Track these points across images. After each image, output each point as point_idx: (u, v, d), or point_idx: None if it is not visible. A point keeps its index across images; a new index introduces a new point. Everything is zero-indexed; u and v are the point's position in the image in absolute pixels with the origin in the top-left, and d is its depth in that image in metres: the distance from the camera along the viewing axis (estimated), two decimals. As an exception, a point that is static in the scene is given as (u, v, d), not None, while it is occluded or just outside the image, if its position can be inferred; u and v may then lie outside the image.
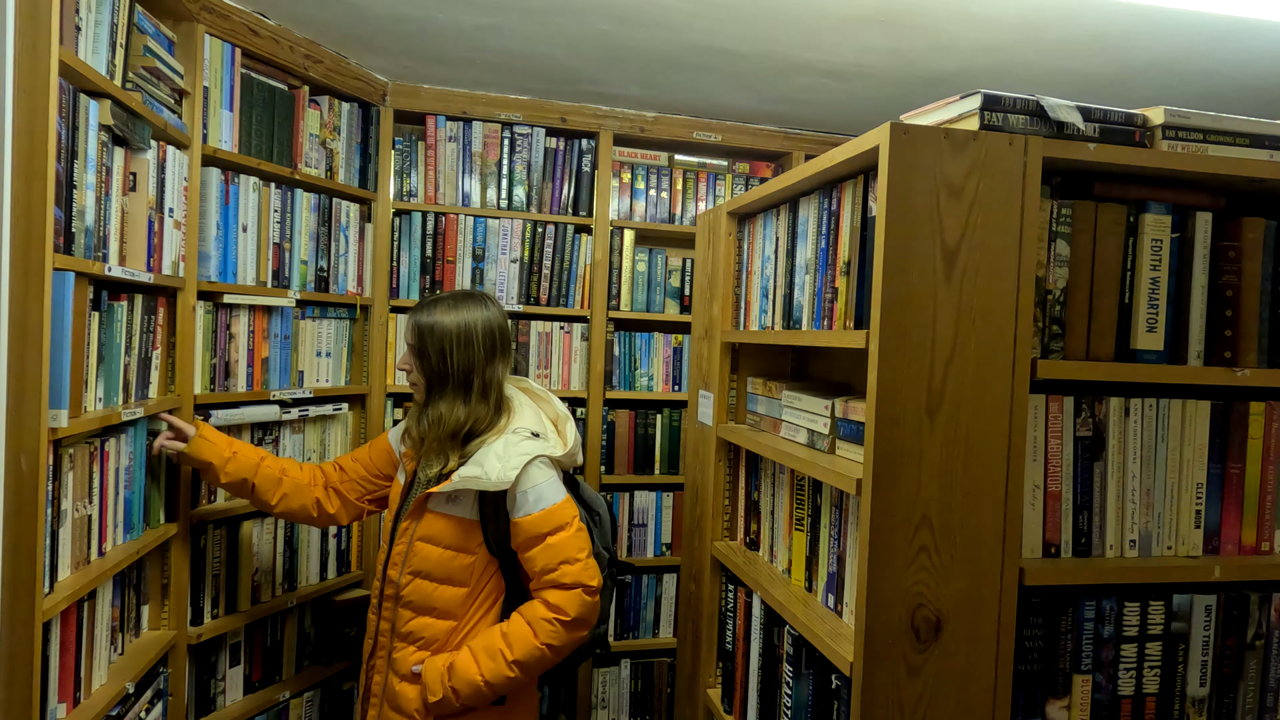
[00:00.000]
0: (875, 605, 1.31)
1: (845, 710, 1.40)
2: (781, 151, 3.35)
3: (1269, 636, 1.46)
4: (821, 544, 1.64)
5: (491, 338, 1.87)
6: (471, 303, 1.89)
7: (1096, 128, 1.39)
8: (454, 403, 1.83)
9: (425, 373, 1.87)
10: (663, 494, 3.25)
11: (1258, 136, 1.44)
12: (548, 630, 1.72)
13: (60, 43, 1.51)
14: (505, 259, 3.07)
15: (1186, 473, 1.46)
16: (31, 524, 1.51)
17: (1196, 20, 2.12)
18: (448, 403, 1.83)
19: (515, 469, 1.74)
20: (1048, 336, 1.38)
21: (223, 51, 2.30)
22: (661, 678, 3.30)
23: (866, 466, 1.32)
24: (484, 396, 1.84)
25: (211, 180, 2.29)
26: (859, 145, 1.37)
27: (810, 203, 1.66)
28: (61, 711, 1.67)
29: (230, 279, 2.37)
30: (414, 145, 3.03)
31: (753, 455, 2.01)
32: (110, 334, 1.83)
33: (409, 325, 1.90)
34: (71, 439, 1.68)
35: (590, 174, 3.14)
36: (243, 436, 2.46)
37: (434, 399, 1.86)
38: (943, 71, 2.57)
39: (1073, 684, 1.40)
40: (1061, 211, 1.38)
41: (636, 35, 2.41)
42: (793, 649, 1.61)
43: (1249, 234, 1.44)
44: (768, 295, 1.85)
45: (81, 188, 1.65)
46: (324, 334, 2.78)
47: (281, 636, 2.67)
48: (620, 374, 3.22)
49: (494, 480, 1.73)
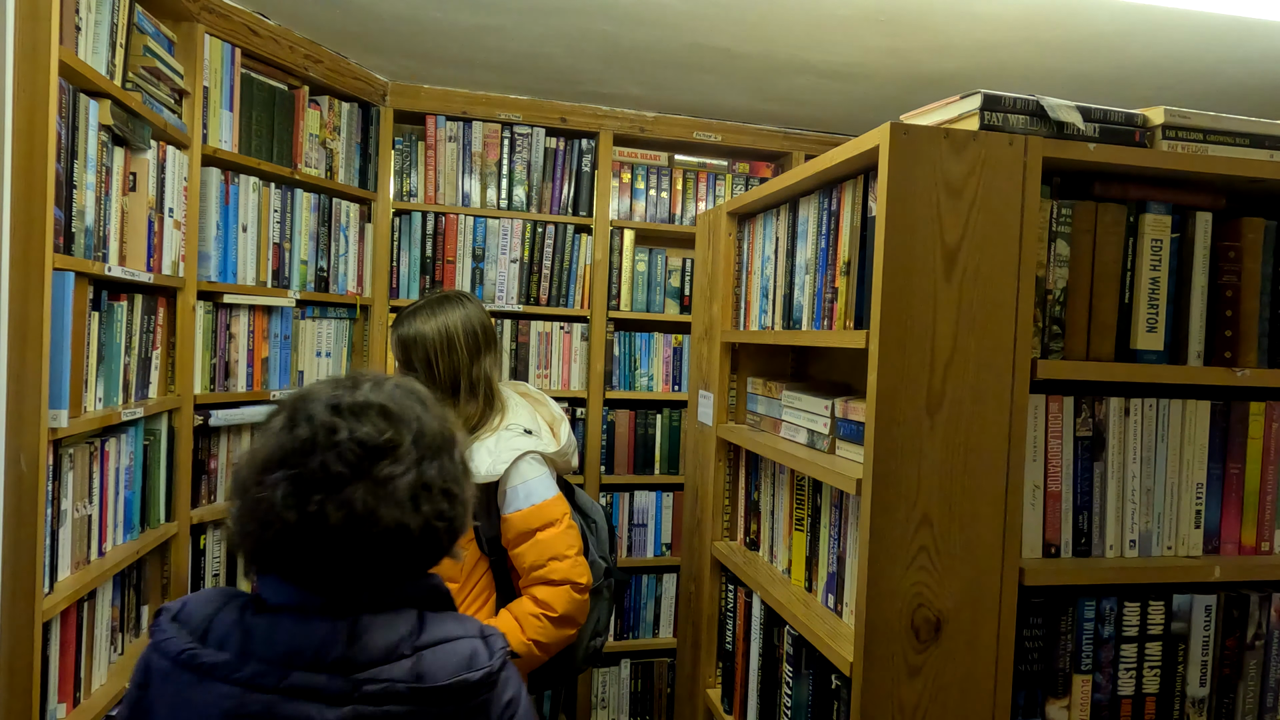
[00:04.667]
0: (875, 605, 1.31)
1: (845, 710, 1.40)
2: (781, 151, 3.35)
3: (1269, 636, 1.46)
4: (821, 544, 1.64)
5: (474, 336, 1.87)
6: (449, 305, 1.89)
7: (1096, 128, 1.39)
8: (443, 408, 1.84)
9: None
10: (663, 494, 3.25)
11: (1258, 136, 1.44)
12: (535, 626, 1.72)
13: (60, 43, 1.51)
14: (505, 259, 3.07)
15: (1186, 473, 1.46)
16: (31, 524, 1.51)
17: (1196, 20, 2.12)
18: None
19: (505, 463, 1.75)
20: (1048, 336, 1.38)
21: (223, 51, 2.30)
22: (661, 678, 3.30)
23: (866, 466, 1.32)
24: (473, 394, 1.85)
25: (211, 180, 2.29)
26: (859, 145, 1.37)
27: (810, 203, 1.66)
28: (61, 711, 1.67)
29: (230, 279, 2.37)
30: (414, 145, 3.03)
31: (753, 455, 2.00)
32: (110, 334, 1.83)
33: (393, 340, 1.90)
34: (71, 439, 1.68)
35: (590, 174, 3.14)
36: (243, 437, 2.46)
37: None
38: (943, 71, 2.57)
39: (1073, 684, 1.40)
40: (1061, 211, 1.38)
41: (636, 35, 2.41)
42: (793, 649, 1.61)
43: (1249, 234, 1.44)
44: (768, 295, 1.85)
45: (81, 188, 1.65)
46: (324, 334, 2.78)
47: (281, 636, 2.67)
48: (620, 374, 3.22)
49: (483, 473, 1.73)
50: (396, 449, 0.98)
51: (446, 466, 1.02)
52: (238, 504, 0.98)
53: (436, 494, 1.00)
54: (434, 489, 0.99)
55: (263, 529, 0.95)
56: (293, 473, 0.94)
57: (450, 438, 1.06)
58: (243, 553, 0.99)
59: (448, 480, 1.02)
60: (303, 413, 0.98)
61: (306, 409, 0.98)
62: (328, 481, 0.94)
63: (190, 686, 0.92)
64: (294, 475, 0.94)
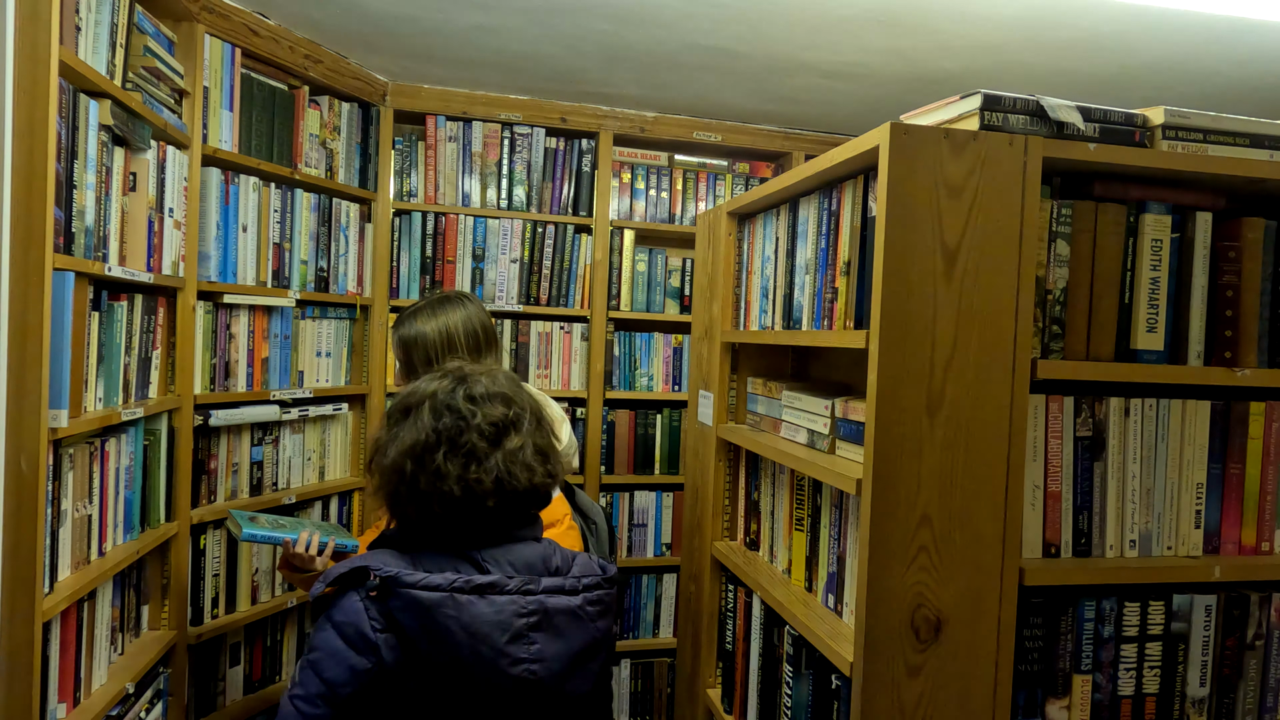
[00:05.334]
0: (875, 605, 1.31)
1: (845, 710, 1.40)
2: (781, 151, 3.35)
3: (1269, 636, 1.46)
4: (821, 544, 1.64)
5: (474, 337, 1.87)
6: (449, 305, 1.89)
7: (1096, 128, 1.39)
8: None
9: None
10: (663, 494, 3.25)
11: (1258, 136, 1.44)
12: None
13: (60, 43, 1.51)
14: (505, 259, 3.07)
15: (1186, 473, 1.46)
16: (31, 524, 1.51)
17: (1196, 20, 2.12)
18: None
19: None
20: (1048, 336, 1.38)
21: (223, 51, 2.30)
22: (661, 678, 3.30)
23: (866, 466, 1.32)
24: None
25: (211, 180, 2.29)
26: (859, 145, 1.37)
27: (810, 203, 1.66)
28: (61, 711, 1.67)
29: (230, 279, 2.37)
30: (414, 145, 3.03)
31: (753, 455, 2.01)
32: (110, 334, 1.83)
33: (394, 341, 1.90)
34: (71, 439, 1.68)
35: (590, 174, 3.14)
36: (243, 437, 2.46)
37: None
38: (943, 71, 2.57)
39: (1073, 684, 1.40)
40: (1061, 211, 1.38)
41: (636, 35, 2.41)
42: (793, 649, 1.61)
43: (1249, 234, 1.44)
44: (768, 295, 1.85)
45: (81, 188, 1.65)
46: (324, 334, 2.78)
47: (281, 636, 2.67)
48: (620, 374, 3.22)
49: None
50: (517, 425, 1.28)
51: (545, 434, 1.33)
52: (394, 486, 1.26)
53: (543, 456, 1.30)
54: (541, 452, 1.30)
55: (430, 498, 1.23)
56: (449, 450, 1.23)
57: (540, 412, 1.35)
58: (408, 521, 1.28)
59: (547, 446, 1.33)
60: (443, 405, 1.27)
61: (445, 402, 1.27)
62: (475, 456, 1.24)
63: (471, 605, 1.18)
64: (450, 453, 1.23)
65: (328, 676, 1.17)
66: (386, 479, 1.27)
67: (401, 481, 1.24)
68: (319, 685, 1.18)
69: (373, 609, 1.18)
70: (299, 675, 1.20)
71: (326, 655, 1.18)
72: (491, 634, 1.18)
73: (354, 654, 1.17)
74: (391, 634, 1.17)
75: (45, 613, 1.53)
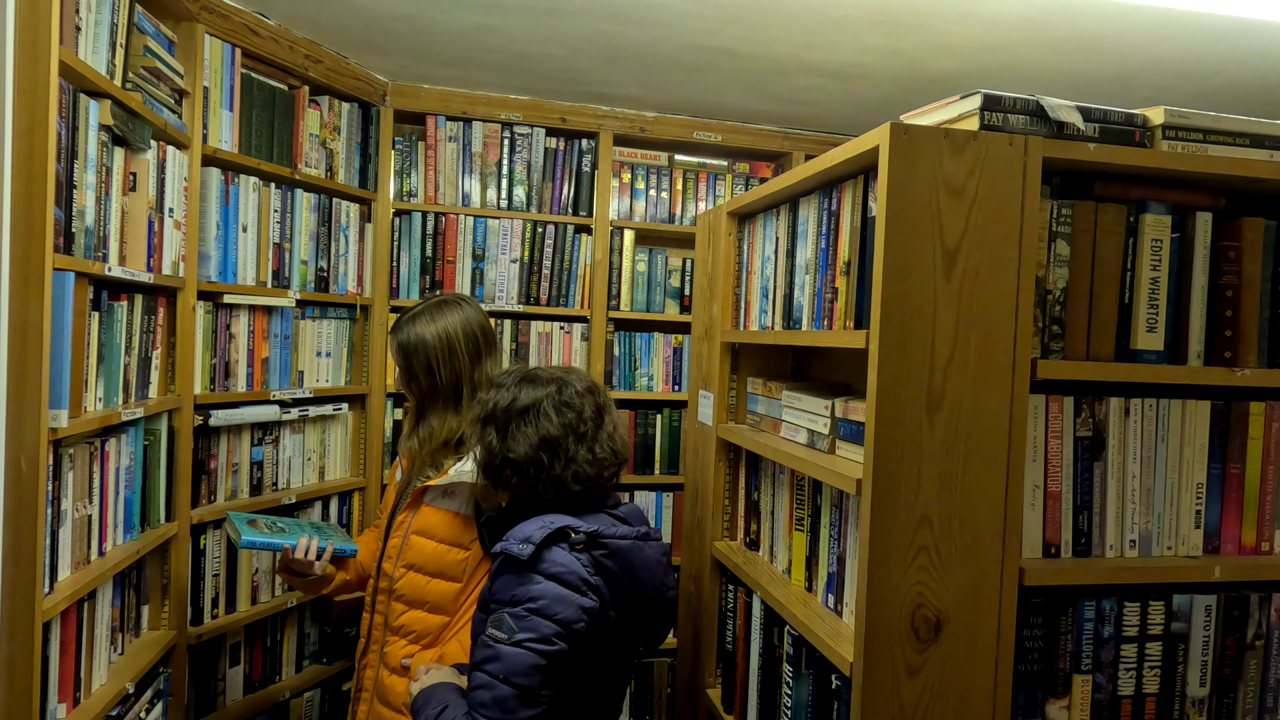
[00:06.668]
0: (875, 605, 1.31)
1: (845, 710, 1.40)
2: (781, 151, 3.35)
3: (1269, 636, 1.46)
4: (821, 544, 1.64)
5: (474, 340, 1.87)
6: (447, 309, 1.88)
7: (1096, 128, 1.39)
8: (444, 415, 1.85)
9: (416, 395, 1.89)
10: (663, 494, 3.25)
11: (1258, 136, 1.44)
12: None
13: (60, 43, 1.51)
14: (505, 259, 3.07)
15: (1186, 473, 1.46)
16: (31, 524, 1.51)
17: (1196, 20, 2.12)
18: (438, 416, 1.85)
19: None
20: (1048, 336, 1.38)
21: (223, 51, 2.30)
22: (661, 678, 3.30)
23: (866, 466, 1.32)
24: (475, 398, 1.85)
25: (211, 180, 2.29)
26: (859, 145, 1.37)
27: (810, 203, 1.66)
28: (61, 711, 1.67)
29: (230, 279, 2.37)
30: (414, 145, 3.03)
31: (753, 455, 2.01)
32: (110, 334, 1.83)
33: (393, 347, 1.89)
34: (71, 439, 1.68)
35: (590, 174, 3.14)
36: (243, 437, 2.46)
37: (425, 413, 1.87)
38: (943, 71, 2.57)
39: (1073, 684, 1.40)
40: (1061, 211, 1.38)
41: (636, 35, 2.41)
42: (793, 649, 1.61)
43: (1249, 234, 1.44)
44: (768, 295, 1.85)
45: (81, 188, 1.65)
46: (324, 334, 2.78)
47: (281, 636, 2.67)
48: (620, 374, 3.22)
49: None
50: (608, 408, 1.63)
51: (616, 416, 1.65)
52: (534, 476, 1.53)
53: (620, 432, 1.63)
54: (617, 429, 1.63)
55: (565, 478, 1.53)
56: (576, 439, 1.55)
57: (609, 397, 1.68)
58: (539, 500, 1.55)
59: (619, 425, 1.64)
60: (561, 404, 1.56)
61: (563, 396, 1.57)
62: (596, 439, 1.57)
63: (642, 549, 1.54)
64: (577, 441, 1.55)
65: (561, 617, 1.40)
66: (523, 472, 1.54)
67: (540, 470, 1.53)
68: (552, 626, 1.39)
69: (583, 558, 1.46)
70: (519, 624, 1.40)
71: (553, 600, 1.40)
72: (656, 570, 1.56)
73: (578, 595, 1.42)
74: (600, 576, 1.47)
75: (45, 613, 1.53)
